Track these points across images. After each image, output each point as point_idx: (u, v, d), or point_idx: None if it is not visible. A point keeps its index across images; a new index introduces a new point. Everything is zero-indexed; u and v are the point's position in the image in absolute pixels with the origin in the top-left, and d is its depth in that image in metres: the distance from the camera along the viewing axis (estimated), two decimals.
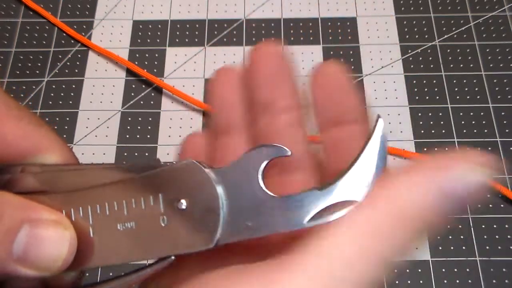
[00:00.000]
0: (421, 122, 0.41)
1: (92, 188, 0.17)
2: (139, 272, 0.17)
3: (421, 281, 0.35)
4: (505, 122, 0.41)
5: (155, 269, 0.17)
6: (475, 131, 0.41)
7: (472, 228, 0.37)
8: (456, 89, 0.42)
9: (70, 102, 0.42)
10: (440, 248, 0.36)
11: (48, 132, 0.18)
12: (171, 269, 0.17)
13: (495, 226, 0.37)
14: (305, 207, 0.16)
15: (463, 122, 0.41)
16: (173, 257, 0.16)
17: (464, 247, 0.36)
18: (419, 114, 0.41)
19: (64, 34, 0.45)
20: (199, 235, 0.16)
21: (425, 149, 0.40)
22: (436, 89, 0.42)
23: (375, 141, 0.16)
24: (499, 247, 0.36)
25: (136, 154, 0.40)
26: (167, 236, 0.16)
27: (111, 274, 0.34)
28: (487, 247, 0.36)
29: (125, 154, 0.40)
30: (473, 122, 0.41)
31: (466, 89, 0.42)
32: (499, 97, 0.42)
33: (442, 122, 0.41)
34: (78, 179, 0.18)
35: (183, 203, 0.16)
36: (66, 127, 0.41)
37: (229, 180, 0.17)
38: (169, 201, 0.17)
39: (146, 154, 0.40)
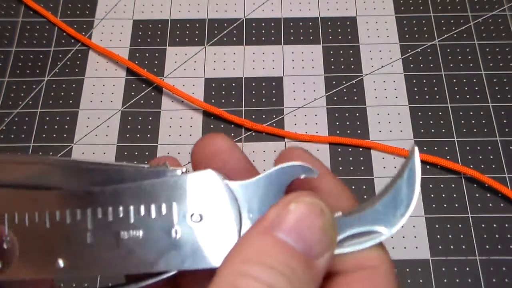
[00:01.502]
0: (421, 122, 0.41)
1: (90, 192, 0.16)
2: (138, 284, 0.16)
3: (421, 280, 0.35)
4: (505, 121, 0.41)
5: (155, 282, 0.16)
6: (475, 130, 0.41)
7: (472, 227, 0.37)
8: (456, 88, 0.42)
9: (70, 101, 0.42)
10: (440, 247, 0.37)
11: None
12: (170, 283, 0.16)
13: (495, 225, 0.37)
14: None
15: (463, 122, 0.41)
16: (175, 271, 0.15)
17: (464, 246, 0.37)
18: (419, 114, 0.41)
19: (64, 34, 0.45)
20: (211, 252, 0.15)
21: (425, 148, 0.40)
22: (436, 89, 0.42)
23: (411, 172, 0.15)
24: (499, 246, 0.36)
25: (136, 153, 0.40)
26: (177, 250, 0.15)
27: (109, 284, 0.34)
28: (487, 246, 0.36)
29: (125, 153, 0.40)
30: (473, 122, 0.41)
31: (466, 88, 0.42)
32: (498, 96, 0.42)
33: (442, 122, 0.41)
34: (87, 176, 0.16)
35: (199, 216, 0.15)
36: (66, 127, 0.41)
37: (250, 194, 0.16)
38: (183, 212, 0.15)
39: (146, 153, 0.40)
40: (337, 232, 0.15)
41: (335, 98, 0.42)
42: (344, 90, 0.43)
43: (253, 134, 0.41)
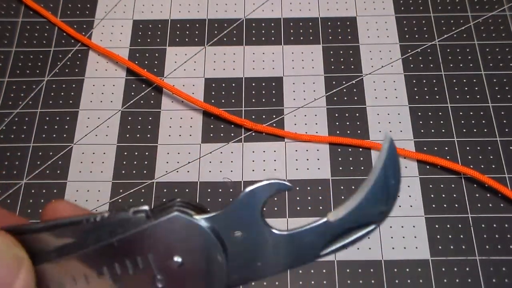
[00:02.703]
0: (421, 122, 0.41)
1: (65, 257, 0.15)
2: None
3: (421, 281, 0.35)
4: (505, 121, 0.41)
5: None
6: (475, 130, 0.41)
7: (471, 228, 0.37)
8: (456, 88, 0.42)
9: (70, 101, 0.42)
10: (440, 247, 0.37)
11: None
12: None
13: (495, 225, 0.37)
14: (319, 240, 0.15)
15: (462, 122, 0.41)
16: None
17: (464, 247, 0.37)
18: (419, 114, 0.41)
19: (64, 34, 0.45)
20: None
21: (425, 148, 0.40)
22: (436, 89, 0.42)
23: (384, 161, 0.15)
24: (499, 246, 0.36)
25: (136, 153, 0.40)
26: None
27: None
28: (487, 247, 0.36)
29: (125, 153, 0.40)
30: (473, 122, 0.41)
31: (466, 88, 0.42)
32: (498, 96, 0.42)
33: (441, 122, 0.41)
34: (51, 241, 0.15)
35: (178, 259, 0.15)
36: (66, 127, 0.41)
37: (228, 222, 0.15)
38: (161, 260, 0.15)
39: (146, 153, 0.40)
40: (325, 236, 0.15)
41: (335, 98, 0.42)
42: (344, 90, 0.43)
43: (253, 134, 0.41)
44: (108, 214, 0.15)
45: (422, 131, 0.41)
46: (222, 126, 0.41)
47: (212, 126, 0.41)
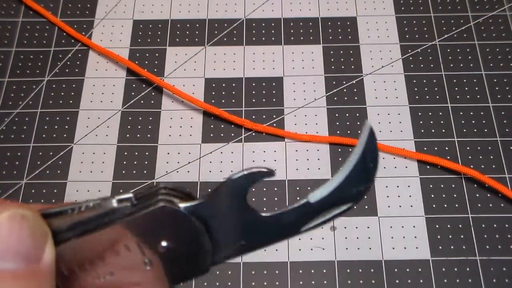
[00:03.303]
0: (421, 122, 0.41)
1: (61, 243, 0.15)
2: None
3: (421, 281, 0.35)
4: (505, 121, 0.41)
5: None
6: (475, 130, 0.41)
7: (472, 228, 0.37)
8: (456, 88, 0.42)
9: (71, 101, 0.42)
10: (440, 247, 0.37)
11: None
12: None
13: (495, 225, 0.37)
14: (299, 219, 0.16)
15: (463, 122, 0.41)
16: None
17: (464, 247, 0.37)
18: (419, 114, 0.41)
19: (65, 34, 0.45)
20: (186, 269, 0.16)
21: (425, 148, 0.40)
22: (436, 89, 0.42)
23: (363, 144, 0.16)
24: (499, 247, 0.36)
25: (136, 153, 0.40)
26: (153, 278, 0.15)
27: None
28: (487, 247, 0.36)
29: (125, 153, 0.40)
30: (473, 122, 0.41)
31: (466, 88, 0.42)
32: (499, 96, 0.42)
33: (442, 122, 0.41)
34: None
35: (165, 244, 0.15)
36: (66, 127, 0.41)
37: (212, 208, 0.16)
38: (148, 245, 0.15)
39: (146, 153, 0.40)
40: (307, 217, 0.15)
41: (335, 98, 0.42)
42: (344, 90, 0.43)
43: (253, 134, 0.41)
44: (93, 203, 0.15)
45: (422, 131, 0.41)
46: (222, 126, 0.41)
47: (212, 126, 0.41)
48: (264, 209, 0.38)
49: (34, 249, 0.15)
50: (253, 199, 0.38)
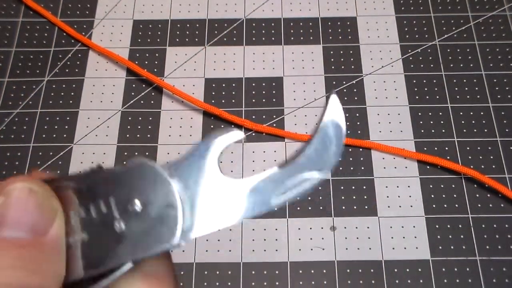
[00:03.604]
0: (421, 122, 0.41)
1: None
2: (96, 284, 0.16)
3: (421, 281, 0.35)
4: (505, 121, 0.41)
5: (111, 280, 0.16)
6: (475, 130, 0.41)
7: (472, 228, 0.37)
8: (456, 88, 0.42)
9: (70, 101, 0.42)
10: (440, 247, 0.37)
11: None
12: None
13: (495, 225, 0.37)
14: (270, 187, 0.16)
15: (463, 122, 0.41)
16: (131, 265, 0.15)
17: (464, 247, 0.37)
18: (419, 114, 0.41)
19: (64, 34, 0.45)
20: (159, 234, 0.16)
21: (425, 148, 0.40)
22: (436, 89, 0.42)
23: (330, 115, 0.16)
24: (499, 247, 0.36)
25: (136, 153, 0.40)
26: (124, 242, 0.15)
27: None
28: (487, 247, 0.36)
29: (126, 153, 0.40)
30: (473, 122, 0.41)
31: (466, 88, 0.42)
32: (499, 96, 0.42)
33: (442, 122, 0.41)
34: None
35: (138, 204, 0.16)
36: (66, 127, 0.41)
37: (184, 171, 0.16)
38: (122, 204, 0.16)
39: (147, 153, 0.40)
40: (278, 185, 0.16)
41: None
42: (344, 90, 0.43)
43: (253, 134, 0.41)
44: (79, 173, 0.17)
45: (422, 131, 0.41)
46: (222, 126, 0.41)
47: (212, 126, 0.41)
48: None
49: (41, 221, 0.15)
50: None
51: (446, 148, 0.40)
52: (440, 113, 0.41)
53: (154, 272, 0.17)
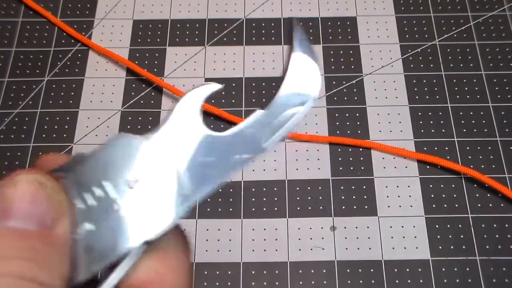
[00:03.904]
0: (421, 122, 0.41)
1: None
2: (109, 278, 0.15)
3: (421, 281, 0.35)
4: (505, 121, 0.41)
5: (128, 266, 0.15)
6: (475, 130, 0.41)
7: (472, 228, 0.37)
8: (456, 88, 0.42)
9: (70, 101, 0.42)
10: (440, 247, 0.37)
11: None
12: None
13: (495, 225, 0.37)
14: (258, 131, 0.16)
15: (463, 122, 0.41)
16: (144, 246, 0.15)
17: (464, 247, 0.37)
18: (419, 114, 0.41)
19: (64, 34, 0.45)
20: (159, 206, 0.15)
21: (425, 148, 0.40)
22: (436, 89, 0.42)
23: (297, 46, 0.16)
24: (499, 247, 0.36)
25: None
26: (130, 222, 0.15)
27: None
28: (487, 247, 0.36)
29: None
30: (473, 122, 0.41)
31: (466, 88, 0.42)
32: (499, 96, 0.42)
33: (442, 122, 0.41)
34: None
35: (131, 179, 0.15)
36: (66, 127, 0.41)
37: (169, 137, 0.16)
38: (116, 184, 0.15)
39: None
40: (265, 126, 0.16)
41: (335, 98, 0.42)
42: (344, 90, 0.43)
43: None
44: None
45: (422, 131, 0.41)
46: (222, 126, 0.41)
47: (212, 126, 0.41)
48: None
49: (48, 215, 0.15)
50: (253, 199, 0.38)
51: (446, 148, 0.40)
52: (440, 113, 0.41)
53: (166, 249, 0.16)
